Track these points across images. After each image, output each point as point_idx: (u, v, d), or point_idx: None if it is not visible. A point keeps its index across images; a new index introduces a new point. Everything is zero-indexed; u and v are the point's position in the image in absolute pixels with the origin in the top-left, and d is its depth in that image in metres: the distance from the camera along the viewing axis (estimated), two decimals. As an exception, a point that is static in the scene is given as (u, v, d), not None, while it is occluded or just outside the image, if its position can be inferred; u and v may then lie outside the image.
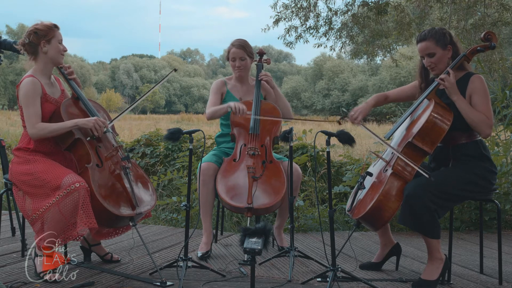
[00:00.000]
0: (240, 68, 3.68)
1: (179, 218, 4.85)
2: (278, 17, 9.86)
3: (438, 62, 3.00)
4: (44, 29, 2.99)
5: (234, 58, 3.67)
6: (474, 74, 2.97)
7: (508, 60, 9.09)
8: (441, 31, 3.01)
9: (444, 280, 3.01)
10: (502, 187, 4.66)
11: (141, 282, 2.90)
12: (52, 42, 3.01)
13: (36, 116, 2.91)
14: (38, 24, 3.01)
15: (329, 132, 2.84)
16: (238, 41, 3.68)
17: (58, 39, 3.04)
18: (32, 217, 2.86)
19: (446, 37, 3.00)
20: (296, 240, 4.12)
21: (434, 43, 2.97)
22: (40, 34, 2.98)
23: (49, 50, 3.01)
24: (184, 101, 63.91)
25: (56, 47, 3.03)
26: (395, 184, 2.88)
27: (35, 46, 2.99)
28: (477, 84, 2.92)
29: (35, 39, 2.98)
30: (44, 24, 3.01)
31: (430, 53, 3.00)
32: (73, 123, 2.93)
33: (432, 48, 2.98)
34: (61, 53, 3.07)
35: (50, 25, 3.03)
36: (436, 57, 2.99)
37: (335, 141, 2.93)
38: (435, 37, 2.98)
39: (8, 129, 16.17)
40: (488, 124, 2.85)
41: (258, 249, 2.37)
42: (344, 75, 46.16)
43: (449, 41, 3.00)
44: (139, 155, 6.53)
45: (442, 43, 2.98)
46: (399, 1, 9.69)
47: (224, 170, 3.40)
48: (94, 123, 2.95)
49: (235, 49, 3.65)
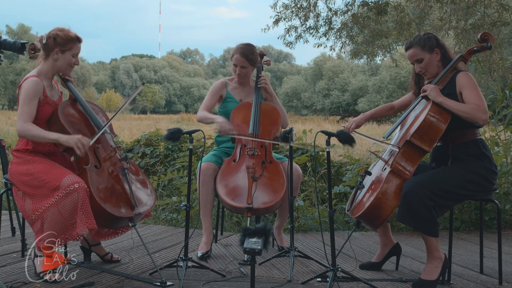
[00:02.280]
0: (240, 76, 3.69)
1: (179, 218, 4.85)
2: (278, 17, 9.84)
3: (428, 66, 3.03)
4: (64, 38, 2.95)
5: (236, 65, 3.66)
6: (460, 72, 2.99)
7: (508, 60, 9.07)
8: (425, 36, 3.05)
9: (444, 280, 3.02)
10: (502, 187, 4.66)
11: (141, 282, 2.90)
12: (66, 54, 2.97)
13: (29, 115, 2.88)
14: (63, 30, 2.97)
15: (329, 132, 2.85)
16: (243, 49, 3.64)
17: (74, 52, 3.00)
18: (31, 218, 2.86)
19: (432, 41, 3.03)
20: (296, 240, 4.13)
21: (420, 49, 3.02)
22: (58, 42, 2.94)
23: (60, 59, 2.98)
24: (184, 101, 63.86)
25: (68, 60, 3.00)
26: (393, 182, 2.90)
27: (49, 50, 2.97)
28: (463, 80, 2.94)
29: (51, 43, 2.95)
30: (66, 34, 2.96)
31: (418, 59, 3.04)
32: (56, 137, 2.86)
33: (419, 54, 3.03)
34: (71, 66, 3.03)
35: (73, 37, 2.98)
36: (424, 62, 3.03)
37: (335, 141, 2.93)
38: (420, 43, 3.02)
39: (8, 129, 16.15)
40: (481, 110, 2.84)
41: (258, 249, 2.37)
42: (344, 75, 46.13)
43: (436, 44, 3.03)
44: (139, 155, 6.53)
45: (428, 48, 3.01)
46: (399, 1, 9.68)
47: (224, 170, 3.40)
48: (77, 142, 2.83)
49: (238, 56, 3.64)
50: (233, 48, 3.74)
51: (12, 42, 3.49)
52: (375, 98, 38.30)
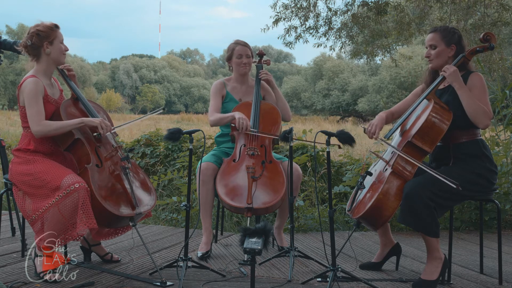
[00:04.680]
0: (246, 65, 3.69)
1: (179, 218, 4.85)
2: (277, 17, 9.83)
3: (437, 56, 3.04)
4: (46, 30, 2.97)
5: (241, 55, 3.67)
6: (473, 72, 3.01)
7: (508, 60, 9.09)
8: (451, 29, 3.07)
9: (444, 280, 3.02)
10: (502, 187, 4.66)
11: (141, 282, 2.91)
12: (55, 43, 3.00)
13: (40, 114, 2.91)
14: (39, 25, 2.99)
15: (329, 132, 2.85)
16: (242, 41, 3.73)
17: (59, 39, 3.03)
18: (32, 217, 2.86)
19: (455, 36, 3.04)
20: (296, 240, 4.12)
21: (440, 37, 3.03)
22: (42, 36, 2.96)
23: (52, 51, 3.00)
24: (184, 101, 63.82)
25: (58, 47, 3.02)
26: (394, 183, 2.89)
27: (38, 48, 2.98)
28: (475, 81, 2.96)
29: (37, 41, 2.96)
30: (45, 25, 2.99)
31: (432, 45, 3.05)
32: (79, 121, 2.95)
33: (436, 40, 3.04)
34: (63, 53, 3.06)
35: (51, 25, 3.01)
36: (436, 50, 3.04)
37: (335, 141, 2.93)
38: (443, 32, 3.04)
39: (8, 129, 16.15)
40: (488, 115, 2.87)
41: (258, 249, 2.37)
42: (344, 75, 46.06)
43: (456, 41, 3.03)
44: (139, 155, 6.53)
45: (447, 40, 3.02)
46: (399, 1, 9.69)
47: (224, 170, 3.40)
48: (101, 122, 2.99)
49: (241, 47, 3.68)
50: (227, 48, 3.77)
51: (12, 42, 3.49)
52: (375, 98, 38.26)
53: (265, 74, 3.68)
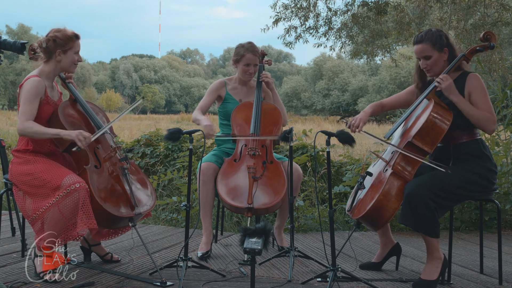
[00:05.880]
0: (252, 74, 3.67)
1: (179, 218, 4.85)
2: (277, 17, 9.84)
3: (434, 64, 3.00)
4: (63, 38, 2.95)
5: (249, 64, 3.62)
6: (471, 73, 2.98)
7: (508, 60, 9.10)
8: (438, 33, 3.00)
9: (444, 280, 3.02)
10: (502, 187, 4.66)
11: (141, 282, 2.91)
12: (68, 53, 2.98)
13: (30, 114, 2.88)
14: (60, 31, 2.97)
15: (329, 132, 2.84)
16: (252, 47, 3.63)
17: (75, 50, 3.00)
18: (32, 217, 2.86)
19: (443, 39, 2.99)
20: (296, 240, 4.12)
21: (430, 46, 2.97)
22: (58, 43, 2.95)
23: (63, 60, 2.98)
24: (184, 101, 63.84)
25: (71, 58, 3.00)
26: (395, 184, 2.89)
27: (50, 53, 2.97)
28: (474, 82, 2.94)
29: (52, 46, 2.95)
30: (64, 34, 2.96)
31: (426, 56, 3.00)
32: (55, 132, 2.87)
33: (428, 51, 2.98)
34: (75, 63, 3.04)
35: (71, 35, 2.98)
36: (432, 59, 2.99)
37: (335, 141, 2.93)
38: (432, 40, 2.97)
39: (8, 129, 16.15)
40: (492, 121, 2.88)
41: (258, 249, 2.37)
42: (344, 75, 46.12)
43: (446, 44, 3.00)
44: (139, 155, 6.53)
45: (439, 46, 2.98)
46: (399, 1, 9.69)
47: (225, 170, 3.40)
48: (78, 135, 2.83)
49: (251, 56, 3.60)
50: (237, 49, 3.68)
51: (12, 42, 3.48)
52: (375, 98, 38.28)
53: (265, 77, 3.67)
